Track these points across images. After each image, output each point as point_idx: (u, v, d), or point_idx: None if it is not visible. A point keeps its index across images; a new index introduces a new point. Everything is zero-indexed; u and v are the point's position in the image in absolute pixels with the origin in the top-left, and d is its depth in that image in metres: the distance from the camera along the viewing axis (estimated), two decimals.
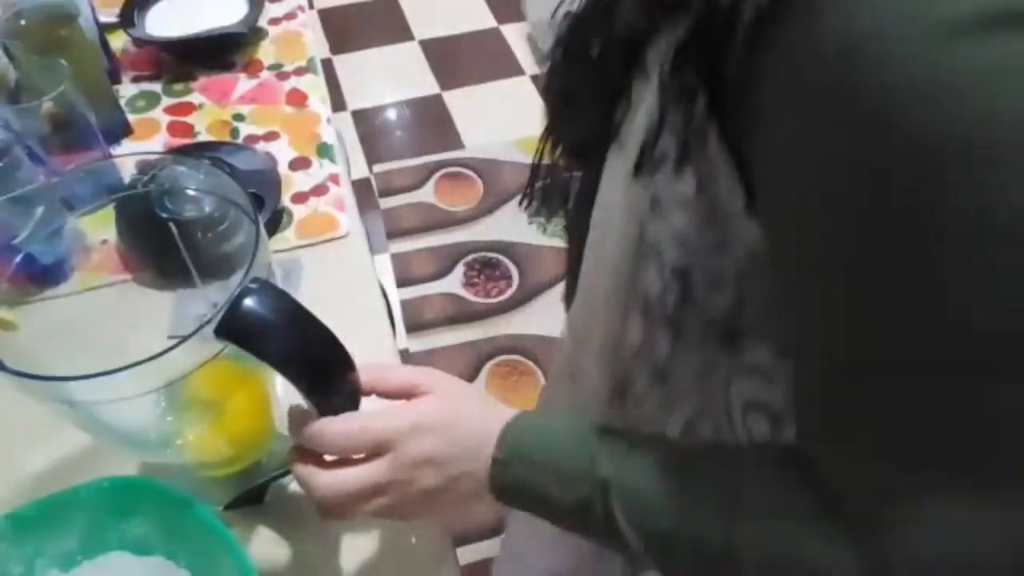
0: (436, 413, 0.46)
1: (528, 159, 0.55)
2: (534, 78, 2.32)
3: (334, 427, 0.43)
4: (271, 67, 0.93)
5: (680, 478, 0.42)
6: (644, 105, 0.40)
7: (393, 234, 1.92)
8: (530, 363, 1.66)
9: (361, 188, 2.00)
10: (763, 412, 0.47)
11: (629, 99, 0.41)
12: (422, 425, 0.45)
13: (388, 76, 2.36)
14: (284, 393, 0.51)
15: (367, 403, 0.46)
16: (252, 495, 0.55)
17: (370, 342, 0.67)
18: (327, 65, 2.34)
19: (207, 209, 0.54)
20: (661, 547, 0.42)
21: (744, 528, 0.40)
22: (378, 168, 2.08)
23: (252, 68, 0.93)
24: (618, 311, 0.49)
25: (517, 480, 0.45)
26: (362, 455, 0.44)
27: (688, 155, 0.38)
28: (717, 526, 0.40)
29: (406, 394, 0.46)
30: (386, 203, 1.99)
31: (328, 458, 0.45)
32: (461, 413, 0.47)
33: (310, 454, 0.45)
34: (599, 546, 0.47)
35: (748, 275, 0.41)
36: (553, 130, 0.51)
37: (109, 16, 0.93)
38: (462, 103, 2.26)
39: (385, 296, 0.77)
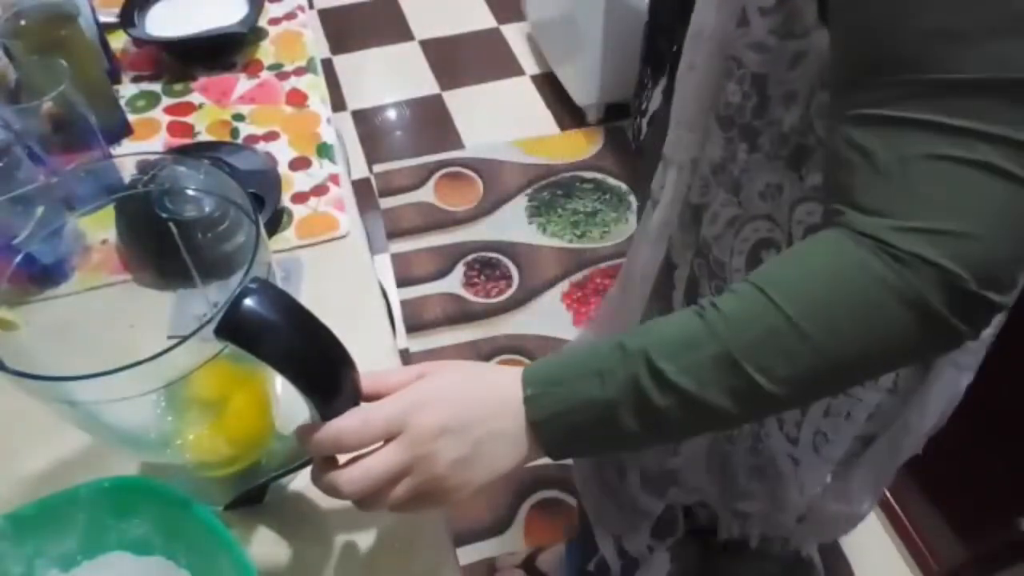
0: (438, 385, 0.46)
1: (528, 159, 0.57)
2: (534, 78, 2.32)
3: (340, 425, 0.43)
4: (271, 67, 0.93)
5: (708, 305, 0.42)
6: None
7: (393, 234, 1.92)
8: (530, 363, 1.66)
9: (361, 188, 2.00)
10: None
11: None
12: (426, 398, 0.44)
13: (388, 76, 2.36)
14: (284, 393, 0.51)
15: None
16: (252, 495, 0.55)
17: (370, 342, 0.67)
18: (327, 65, 2.34)
19: (207, 209, 0.54)
20: (724, 373, 0.41)
21: (787, 297, 0.40)
22: (378, 168, 2.08)
23: (252, 68, 0.93)
24: (701, 129, 0.55)
25: (557, 405, 0.44)
26: (378, 445, 0.44)
27: None
28: (763, 311, 0.40)
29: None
30: (386, 203, 1.99)
31: (343, 459, 0.45)
32: (462, 381, 0.47)
33: (327, 463, 0.45)
34: (667, 439, 0.49)
35: (819, 90, 0.48)
36: None
37: (109, 16, 0.93)
38: (462, 103, 2.26)
39: (385, 296, 0.77)
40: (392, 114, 2.25)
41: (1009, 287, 0.39)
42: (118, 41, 0.95)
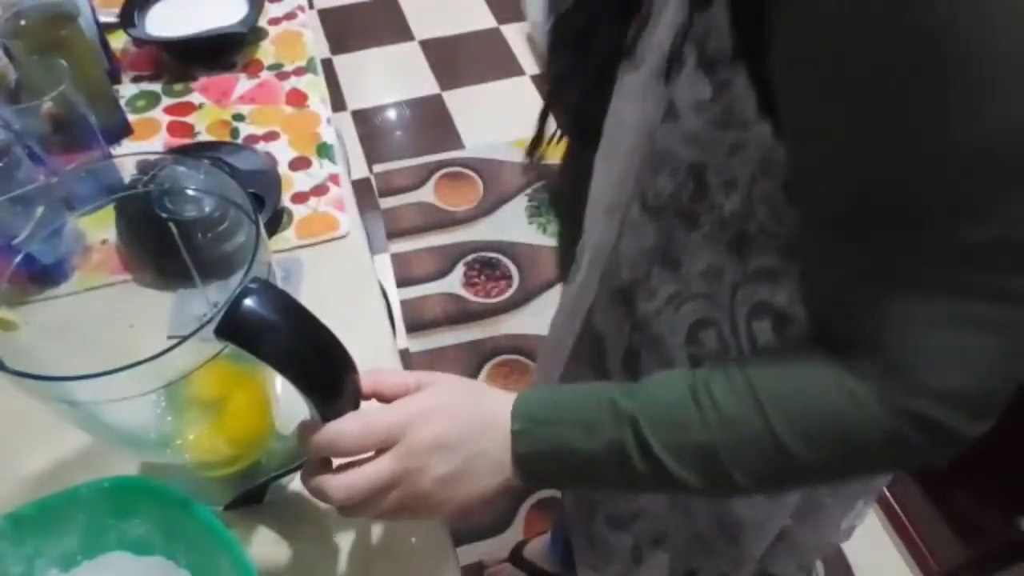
0: (437, 400, 0.46)
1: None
2: (534, 78, 2.32)
3: (339, 429, 0.43)
4: (271, 67, 0.93)
5: (701, 386, 0.43)
6: (665, 19, 0.43)
7: (393, 234, 1.92)
8: (530, 363, 1.66)
9: (361, 188, 2.00)
10: (768, 314, 0.50)
11: (646, 16, 0.45)
12: (425, 413, 0.45)
13: (388, 76, 2.36)
14: (284, 393, 0.51)
15: (366, 407, 0.46)
16: (252, 495, 0.55)
17: (370, 342, 0.67)
18: (327, 65, 2.34)
19: (207, 209, 0.54)
20: (704, 461, 0.43)
21: (778, 411, 0.41)
22: (378, 168, 2.08)
23: (252, 68, 0.93)
24: (620, 221, 0.53)
25: (540, 445, 0.45)
26: (371, 453, 0.44)
27: (710, 62, 0.41)
28: (753, 418, 0.41)
29: (405, 395, 0.47)
30: (386, 203, 1.99)
31: (336, 463, 0.45)
32: (462, 398, 0.47)
33: (320, 465, 0.45)
34: (638, 491, 0.48)
35: (760, 177, 0.45)
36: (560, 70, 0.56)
37: (109, 16, 0.93)
38: (462, 103, 2.26)
39: (385, 296, 0.77)
40: (392, 114, 2.25)
41: (992, 418, 0.40)
42: (118, 41, 0.95)
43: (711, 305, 0.53)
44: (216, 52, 0.94)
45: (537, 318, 1.74)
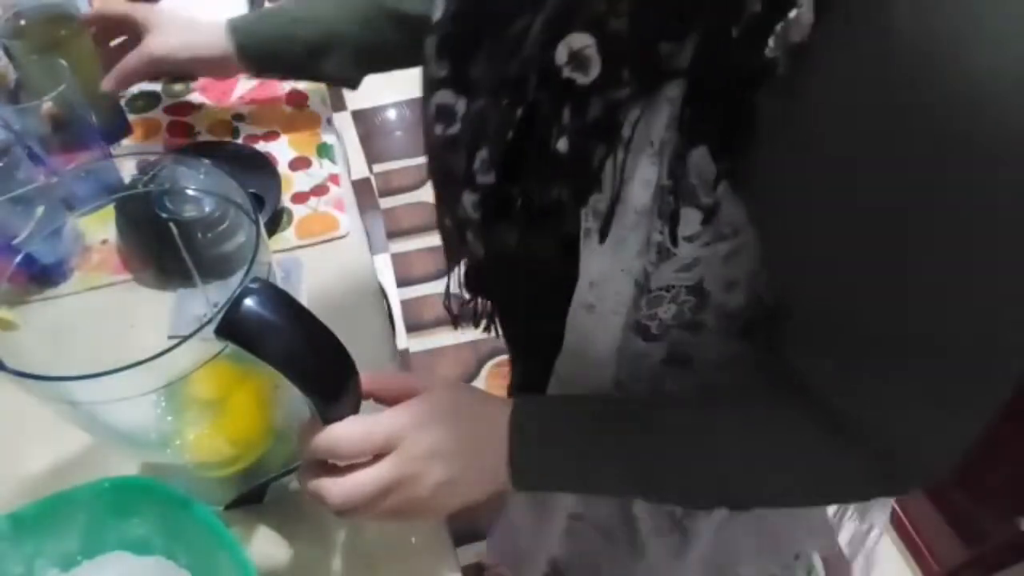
0: (435, 407, 0.46)
1: None
2: None
3: (338, 433, 0.43)
4: None
5: (700, 443, 0.47)
6: (638, 180, 0.40)
7: (393, 234, 1.92)
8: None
9: (361, 188, 2.00)
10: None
11: (615, 195, 0.41)
12: (423, 420, 0.45)
13: (388, 76, 2.35)
14: (284, 393, 0.51)
15: (365, 407, 0.46)
16: (252, 495, 0.55)
17: (370, 342, 0.67)
18: None
19: (207, 209, 0.54)
20: (691, 496, 0.49)
21: (768, 468, 0.46)
22: (378, 168, 2.08)
23: None
24: (615, 362, 0.50)
25: (538, 468, 0.48)
26: (369, 457, 0.45)
27: (692, 193, 0.39)
28: (744, 474, 0.47)
29: (404, 398, 0.47)
30: (386, 203, 1.99)
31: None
32: (460, 405, 0.48)
33: (317, 466, 0.46)
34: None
35: (760, 269, 0.44)
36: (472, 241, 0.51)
37: None
38: None
39: (385, 296, 0.77)
40: (392, 114, 2.25)
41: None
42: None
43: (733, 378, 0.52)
44: None
45: None
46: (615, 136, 0.39)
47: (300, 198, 0.79)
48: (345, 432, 0.43)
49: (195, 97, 0.89)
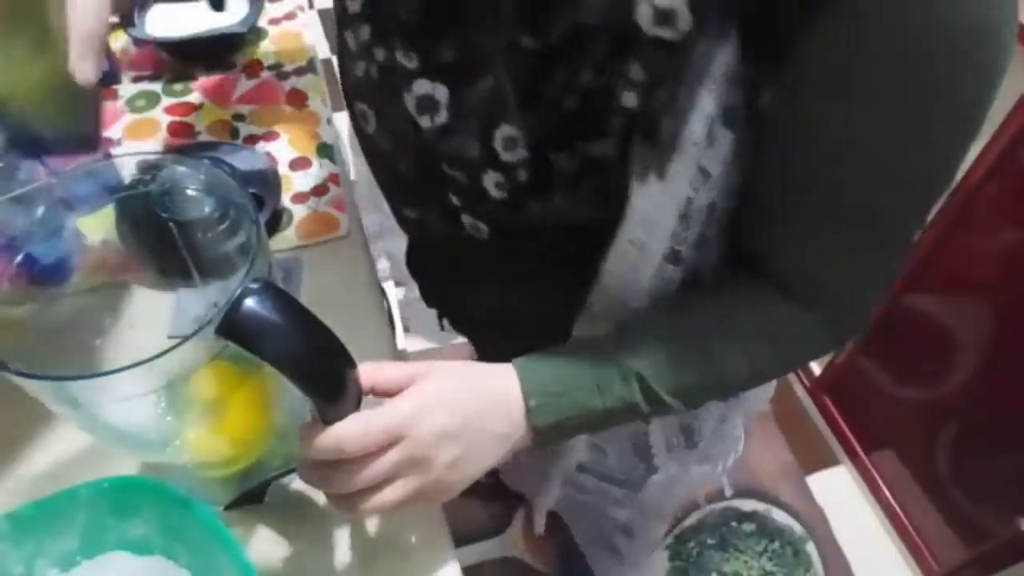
0: (435, 394, 0.47)
1: None
2: None
3: (340, 433, 0.43)
4: (271, 67, 0.93)
5: (693, 342, 0.51)
6: (698, 113, 0.41)
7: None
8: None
9: None
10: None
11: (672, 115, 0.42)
12: (424, 409, 0.45)
13: None
14: (284, 393, 0.51)
15: (365, 402, 0.46)
16: (252, 495, 0.55)
17: (370, 342, 0.67)
18: (327, 65, 2.34)
19: (207, 209, 0.54)
20: (698, 396, 0.53)
21: (751, 347, 0.52)
22: None
23: (252, 68, 0.93)
24: (646, 298, 0.53)
25: (559, 414, 0.49)
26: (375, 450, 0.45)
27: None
28: (734, 358, 0.52)
29: (404, 387, 0.47)
30: None
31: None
32: (459, 384, 0.49)
33: (320, 461, 0.45)
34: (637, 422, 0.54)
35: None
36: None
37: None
38: None
39: (385, 296, 0.77)
40: None
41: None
42: (118, 41, 0.95)
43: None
44: (216, 52, 0.94)
45: None
46: (683, 78, 0.41)
47: (300, 198, 0.79)
48: (348, 431, 0.43)
49: (195, 97, 0.89)
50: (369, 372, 0.46)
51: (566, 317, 0.56)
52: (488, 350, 0.75)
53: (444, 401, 0.46)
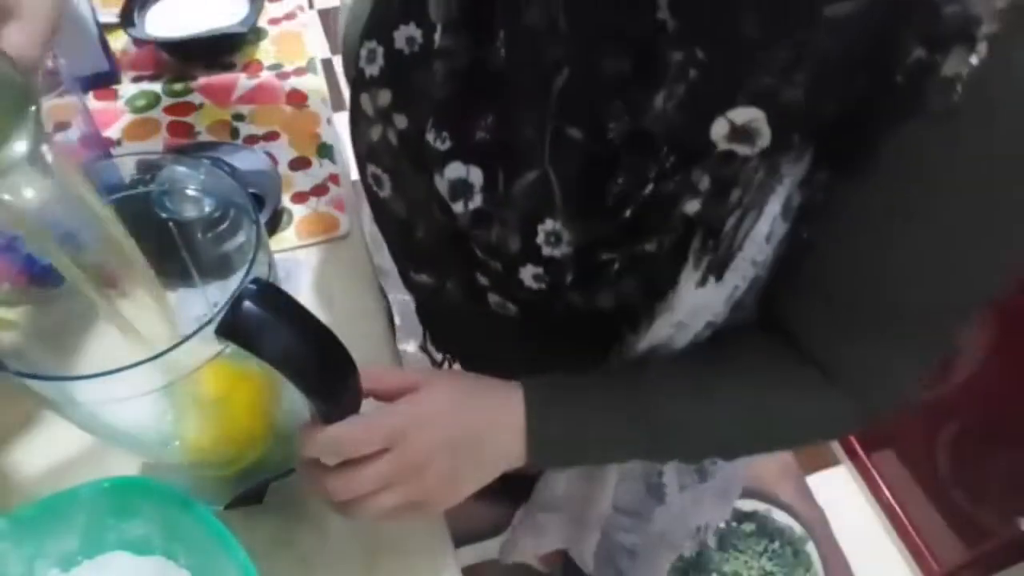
0: (436, 403, 0.46)
1: None
2: None
3: (339, 434, 0.43)
4: (271, 67, 0.93)
5: (707, 401, 0.49)
6: (765, 216, 0.39)
7: None
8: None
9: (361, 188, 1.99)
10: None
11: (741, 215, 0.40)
12: (424, 417, 0.45)
13: None
14: (284, 393, 0.51)
15: (365, 405, 0.46)
16: (252, 495, 0.55)
17: (370, 342, 0.67)
18: (327, 65, 2.34)
19: (207, 209, 0.54)
20: (702, 453, 0.53)
21: (767, 416, 0.50)
22: None
23: (252, 68, 0.93)
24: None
25: (559, 445, 0.48)
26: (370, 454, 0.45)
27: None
28: (748, 425, 0.50)
29: (404, 393, 0.47)
30: None
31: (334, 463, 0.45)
32: (461, 397, 0.48)
33: (319, 466, 0.45)
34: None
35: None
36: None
37: (109, 16, 0.93)
38: None
39: (385, 296, 0.77)
40: None
41: None
42: (118, 41, 0.95)
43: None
44: (216, 52, 0.94)
45: None
46: (752, 184, 0.39)
47: (300, 198, 0.79)
48: (346, 432, 0.43)
49: (195, 97, 0.89)
50: (372, 376, 0.46)
51: (582, 370, 0.54)
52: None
53: (444, 411, 0.46)
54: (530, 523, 0.79)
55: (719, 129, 0.36)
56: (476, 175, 0.46)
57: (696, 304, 0.45)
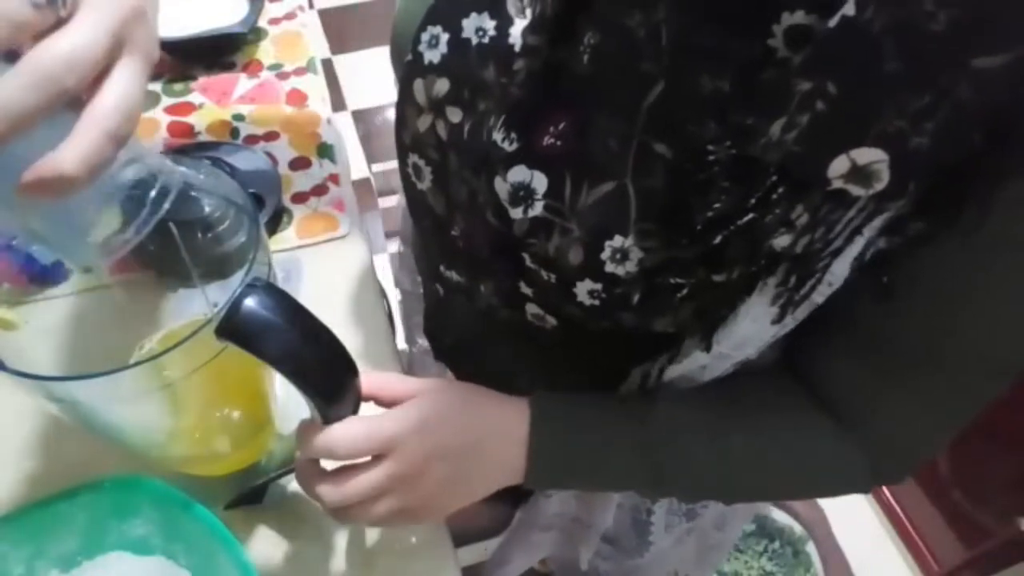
0: (436, 411, 0.46)
1: None
2: None
3: (337, 434, 0.43)
4: (271, 67, 0.93)
5: (719, 445, 0.48)
6: (846, 257, 0.38)
7: (392, 234, 1.92)
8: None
9: (361, 188, 2.00)
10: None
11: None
12: (423, 424, 0.45)
13: (388, 76, 2.35)
14: (284, 393, 0.51)
15: (365, 408, 0.46)
16: (252, 495, 0.55)
17: (370, 342, 0.67)
18: (327, 65, 2.34)
19: (207, 209, 0.54)
20: (703, 495, 0.53)
21: (776, 465, 0.49)
22: (378, 168, 2.08)
23: (252, 68, 0.93)
24: None
25: (559, 467, 0.48)
26: (367, 458, 0.45)
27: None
28: (754, 473, 0.49)
29: (404, 400, 0.47)
30: (386, 203, 1.99)
31: (331, 465, 0.45)
32: (461, 407, 0.48)
33: (314, 465, 0.45)
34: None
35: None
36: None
37: None
38: None
39: (385, 296, 0.77)
40: (392, 114, 2.24)
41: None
42: None
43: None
44: (216, 52, 0.94)
45: None
46: (846, 224, 0.37)
47: (300, 198, 0.79)
48: (343, 433, 0.43)
49: (195, 97, 0.89)
50: (371, 380, 0.46)
51: (595, 390, 0.53)
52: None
53: (445, 420, 0.46)
54: (523, 541, 0.78)
55: (839, 166, 0.34)
56: (540, 181, 0.43)
57: (746, 336, 0.43)
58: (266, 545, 0.55)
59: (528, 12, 0.42)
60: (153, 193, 0.37)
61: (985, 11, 0.29)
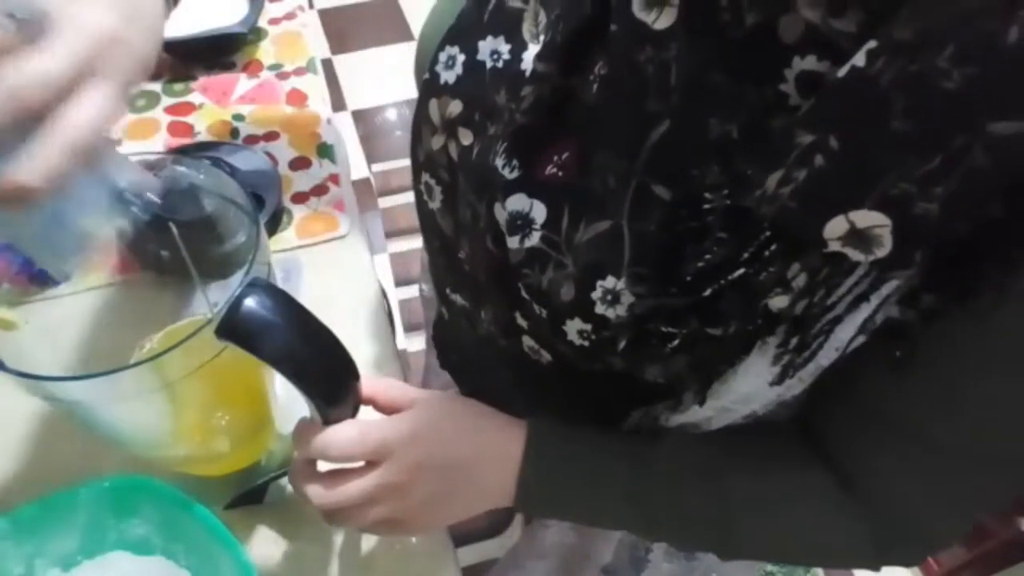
0: (432, 422, 0.46)
1: None
2: None
3: (333, 436, 0.43)
4: (271, 67, 0.93)
5: (717, 499, 0.46)
6: (850, 322, 0.36)
7: (392, 234, 1.92)
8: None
9: (361, 188, 2.00)
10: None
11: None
12: (418, 434, 0.45)
13: (388, 76, 2.36)
14: (284, 393, 0.51)
15: (363, 412, 0.46)
16: (252, 495, 0.55)
17: (370, 342, 0.67)
18: (327, 65, 2.34)
19: (207, 209, 0.54)
20: (696, 547, 0.51)
21: (778, 531, 0.47)
22: (378, 168, 2.08)
23: (252, 68, 0.93)
24: None
25: (549, 497, 0.47)
26: (361, 463, 0.45)
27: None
28: (754, 533, 0.46)
29: (402, 407, 0.47)
30: (385, 203, 1.99)
31: (325, 467, 0.45)
32: (460, 420, 0.47)
33: (308, 466, 0.46)
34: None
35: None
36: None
37: None
38: None
39: (385, 296, 0.77)
40: (392, 114, 2.24)
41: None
42: None
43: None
44: (216, 52, 0.94)
45: None
46: (848, 289, 0.35)
47: (300, 198, 0.79)
48: (339, 435, 0.43)
49: (195, 97, 0.89)
50: (370, 384, 0.46)
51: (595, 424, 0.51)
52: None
53: (438, 433, 0.45)
54: (520, 569, 0.78)
55: (835, 228, 0.32)
56: (539, 211, 0.42)
57: (748, 393, 0.42)
58: (266, 545, 0.55)
59: (541, 38, 0.42)
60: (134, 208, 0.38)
61: (1004, 72, 0.27)
